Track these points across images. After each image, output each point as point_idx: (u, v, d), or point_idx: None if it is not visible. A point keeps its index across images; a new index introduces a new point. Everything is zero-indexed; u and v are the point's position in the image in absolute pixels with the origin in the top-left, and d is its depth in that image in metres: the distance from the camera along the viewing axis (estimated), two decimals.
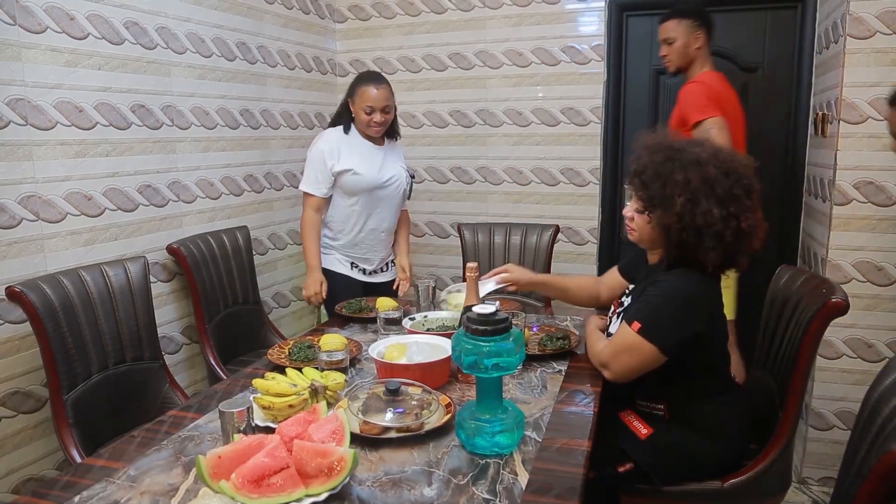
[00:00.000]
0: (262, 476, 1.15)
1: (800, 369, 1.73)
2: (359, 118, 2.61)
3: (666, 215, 1.61)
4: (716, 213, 1.55)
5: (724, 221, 1.56)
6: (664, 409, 1.74)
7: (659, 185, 1.62)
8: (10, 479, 2.09)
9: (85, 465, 1.40)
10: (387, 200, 2.75)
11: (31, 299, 1.88)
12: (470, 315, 1.37)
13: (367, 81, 2.58)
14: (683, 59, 2.72)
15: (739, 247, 1.61)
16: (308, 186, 2.67)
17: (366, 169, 2.64)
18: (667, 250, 1.70)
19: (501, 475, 1.29)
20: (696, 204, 1.56)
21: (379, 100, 2.56)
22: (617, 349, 1.67)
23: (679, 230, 1.59)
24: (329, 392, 1.59)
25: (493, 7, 3.54)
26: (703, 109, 2.53)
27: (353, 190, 2.66)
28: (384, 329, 2.06)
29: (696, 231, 1.57)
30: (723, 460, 1.74)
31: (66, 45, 2.20)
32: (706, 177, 1.58)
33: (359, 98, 2.58)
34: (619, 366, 1.66)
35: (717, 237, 1.56)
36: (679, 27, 2.69)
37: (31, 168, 2.12)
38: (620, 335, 1.67)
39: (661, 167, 1.63)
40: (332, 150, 2.62)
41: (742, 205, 1.58)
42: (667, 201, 1.60)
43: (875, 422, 1.19)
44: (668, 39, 2.72)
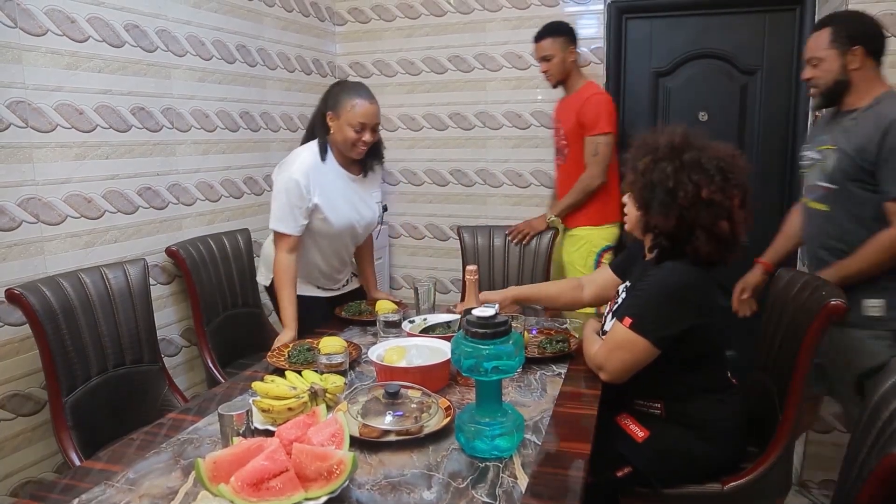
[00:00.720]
0: (261, 479, 1.15)
1: (800, 372, 1.73)
2: (343, 136, 2.21)
3: (633, 174, 1.71)
4: (670, 171, 1.62)
5: (679, 183, 1.60)
6: (661, 407, 1.74)
7: (637, 153, 1.73)
8: (9, 482, 2.09)
9: (84, 468, 1.40)
10: (355, 240, 2.51)
11: (31, 301, 1.88)
12: (469, 318, 1.37)
13: (357, 94, 2.21)
14: (562, 74, 3.00)
15: (698, 217, 1.60)
16: (281, 224, 2.22)
17: (337, 214, 2.30)
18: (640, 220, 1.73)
19: (501, 479, 1.28)
20: (656, 163, 1.65)
21: (373, 116, 2.21)
22: (610, 347, 1.68)
23: (640, 188, 1.68)
24: (328, 395, 1.59)
25: (493, 10, 3.55)
26: (609, 122, 2.90)
27: (319, 232, 2.33)
28: (384, 332, 2.05)
29: (650, 187, 1.65)
30: (720, 462, 1.74)
31: (67, 47, 2.21)
32: (675, 144, 1.66)
33: (347, 113, 2.18)
34: (613, 364, 1.67)
35: (669, 195, 1.61)
36: (555, 45, 2.95)
37: (32, 170, 2.12)
38: (613, 333, 1.69)
39: (646, 139, 1.74)
40: (309, 180, 2.22)
41: (708, 177, 1.60)
42: (635, 163, 1.71)
43: (875, 424, 1.19)
44: (546, 57, 2.97)
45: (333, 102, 2.23)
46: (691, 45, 3.34)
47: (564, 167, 3.11)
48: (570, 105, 2.99)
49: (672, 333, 1.62)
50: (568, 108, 3.01)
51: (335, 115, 2.22)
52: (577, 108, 2.93)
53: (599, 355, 1.71)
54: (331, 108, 2.23)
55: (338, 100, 2.22)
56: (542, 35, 2.97)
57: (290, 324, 2.20)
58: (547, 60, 2.97)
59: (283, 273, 2.23)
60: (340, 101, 2.21)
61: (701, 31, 3.31)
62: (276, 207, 2.22)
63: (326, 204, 2.26)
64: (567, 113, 3.01)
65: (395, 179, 3.92)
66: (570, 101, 3.01)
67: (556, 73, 2.99)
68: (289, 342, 2.08)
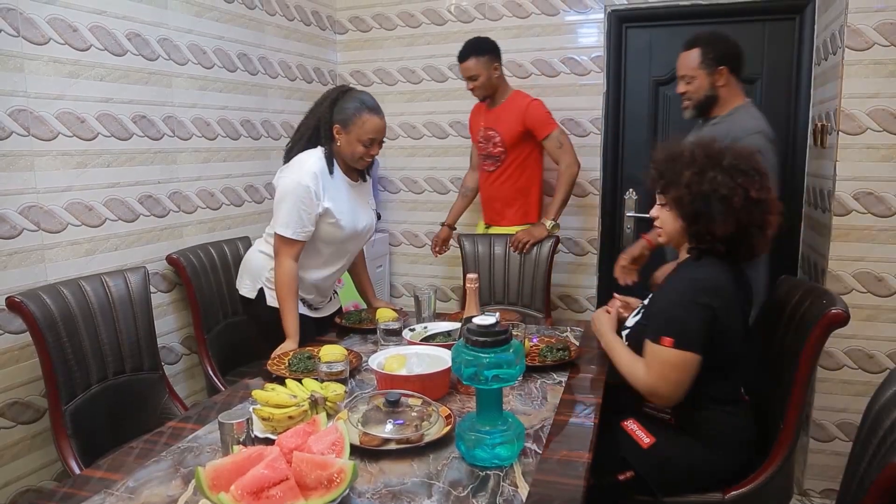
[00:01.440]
0: (261, 488, 1.15)
1: (800, 380, 1.73)
2: (352, 150, 2.19)
3: (677, 190, 1.70)
4: (721, 180, 1.64)
5: (731, 189, 1.63)
6: (671, 414, 1.73)
7: (669, 167, 1.73)
8: (8, 491, 2.08)
9: (83, 476, 1.39)
10: (356, 247, 2.46)
11: (31, 309, 1.87)
12: (470, 326, 1.37)
13: (367, 108, 2.17)
14: (489, 90, 3.08)
15: (752, 217, 1.65)
16: (289, 229, 2.14)
17: (347, 218, 2.26)
18: (687, 232, 1.73)
19: (502, 487, 1.28)
20: (702, 174, 1.66)
21: (382, 131, 2.22)
22: (661, 371, 1.64)
23: (690, 201, 1.67)
24: (329, 403, 1.58)
25: (493, 19, 3.56)
26: (550, 122, 3.04)
27: (326, 239, 2.27)
28: (384, 340, 2.05)
29: (703, 197, 1.65)
30: (724, 472, 1.73)
31: (69, 56, 2.21)
32: (711, 153, 1.69)
33: (357, 129, 2.15)
34: (670, 388, 1.64)
35: (724, 202, 1.63)
36: (479, 64, 3.00)
37: (33, 178, 2.12)
38: (657, 356, 1.65)
39: (670, 152, 1.75)
40: (319, 185, 2.16)
41: (750, 178, 1.66)
42: (676, 177, 1.70)
43: (877, 433, 1.19)
44: (473, 77, 3.02)
45: (342, 116, 2.17)
46: None
47: (499, 173, 3.17)
48: (507, 114, 3.08)
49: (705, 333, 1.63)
50: (504, 117, 3.09)
51: (344, 129, 2.18)
52: (520, 117, 3.04)
53: (650, 380, 1.67)
54: (339, 122, 2.18)
55: (347, 114, 2.17)
56: (466, 55, 3.01)
57: (293, 335, 2.15)
58: (473, 80, 3.03)
59: (290, 281, 2.16)
60: (350, 115, 2.16)
61: None
62: (284, 212, 2.14)
63: (336, 208, 2.21)
64: (504, 122, 3.08)
65: (395, 187, 3.92)
66: (504, 110, 3.10)
67: (484, 90, 3.07)
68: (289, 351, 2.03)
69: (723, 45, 2.34)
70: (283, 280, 2.17)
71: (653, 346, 1.66)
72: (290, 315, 2.16)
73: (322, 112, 2.22)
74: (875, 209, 2.58)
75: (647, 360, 1.69)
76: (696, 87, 2.34)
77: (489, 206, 3.29)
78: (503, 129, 3.09)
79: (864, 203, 2.58)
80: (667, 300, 1.71)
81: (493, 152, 3.15)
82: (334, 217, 2.21)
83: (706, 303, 1.62)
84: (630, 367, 1.74)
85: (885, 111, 2.53)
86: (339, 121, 2.18)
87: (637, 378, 1.71)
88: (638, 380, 1.71)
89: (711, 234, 1.66)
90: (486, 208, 3.32)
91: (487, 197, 3.28)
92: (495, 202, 3.24)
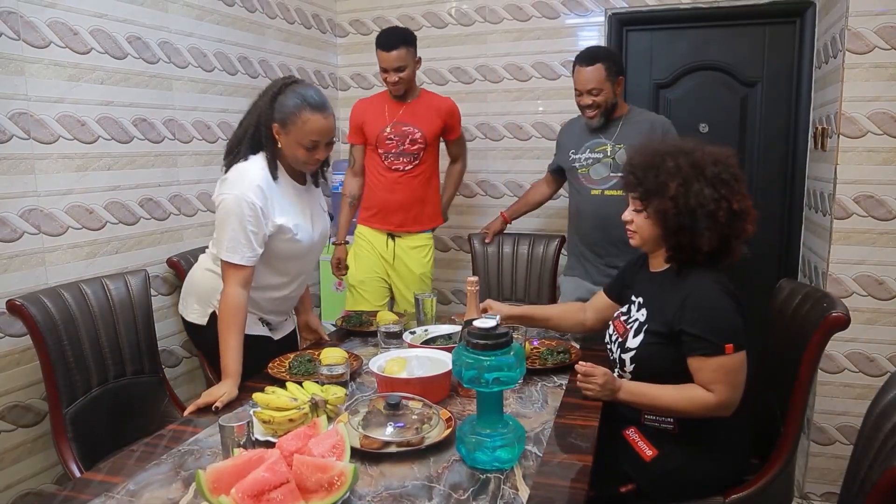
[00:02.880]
0: (262, 491, 1.15)
1: (801, 384, 1.73)
2: (292, 153, 1.93)
3: (662, 202, 1.67)
4: (707, 194, 1.63)
5: (717, 202, 1.62)
6: (674, 423, 1.71)
7: (652, 175, 1.69)
8: (9, 494, 2.08)
9: (84, 479, 1.39)
10: (317, 257, 2.26)
11: (32, 312, 1.88)
12: (471, 329, 1.37)
13: (308, 105, 1.88)
14: (409, 83, 2.92)
15: (733, 229, 1.66)
16: (235, 254, 1.86)
17: (303, 231, 2.03)
18: (666, 240, 1.71)
19: (502, 490, 1.28)
20: (688, 186, 1.64)
21: (327, 132, 1.93)
22: (732, 381, 1.60)
23: (675, 214, 1.65)
24: (329, 406, 1.58)
25: (494, 22, 3.57)
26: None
27: (285, 256, 2.03)
28: (384, 343, 2.05)
29: (690, 212, 1.63)
30: (726, 477, 1.73)
31: (69, 59, 2.22)
32: (695, 162, 1.67)
33: (298, 129, 1.88)
34: (738, 393, 1.62)
35: (710, 217, 1.62)
36: (408, 56, 2.85)
37: (34, 181, 2.12)
38: (723, 368, 1.58)
39: (652, 159, 1.72)
40: (266, 200, 1.90)
41: (732, 188, 1.65)
42: (661, 188, 1.67)
43: (878, 437, 1.19)
44: (401, 67, 2.84)
45: (281, 115, 1.90)
46: (692, 57, 3.36)
47: (417, 171, 2.95)
48: (426, 110, 2.94)
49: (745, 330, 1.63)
50: (423, 113, 2.93)
51: (283, 129, 1.91)
52: (442, 114, 2.95)
53: (723, 398, 1.59)
54: (278, 121, 1.91)
55: (286, 112, 1.89)
56: (396, 44, 2.79)
57: (234, 373, 1.82)
58: (399, 71, 2.82)
59: (236, 311, 1.85)
60: (289, 113, 1.89)
61: (701, 44, 3.33)
62: (229, 235, 1.86)
63: (290, 222, 1.97)
64: (424, 117, 2.92)
65: None
66: (421, 106, 2.94)
67: (406, 83, 2.88)
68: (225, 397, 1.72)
69: (618, 58, 2.72)
70: (228, 310, 1.85)
71: (714, 360, 1.58)
72: (232, 352, 1.83)
73: (262, 108, 1.95)
74: (875, 212, 2.58)
75: (709, 377, 1.60)
76: (604, 98, 2.62)
77: (403, 209, 2.97)
78: (424, 125, 2.91)
79: (865, 206, 2.58)
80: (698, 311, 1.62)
81: (411, 149, 2.92)
82: (290, 232, 1.98)
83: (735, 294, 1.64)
84: (689, 400, 1.62)
85: (886, 114, 2.53)
86: (279, 119, 1.90)
87: (704, 404, 1.60)
88: (706, 405, 1.60)
89: (694, 247, 1.65)
90: (396, 213, 2.97)
91: (403, 200, 2.96)
92: (414, 204, 2.98)
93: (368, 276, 3.02)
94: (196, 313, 2.13)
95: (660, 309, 1.72)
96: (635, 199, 1.75)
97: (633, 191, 1.75)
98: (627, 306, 1.88)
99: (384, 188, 2.96)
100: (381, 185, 2.96)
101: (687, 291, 1.66)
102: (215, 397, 1.71)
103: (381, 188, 2.97)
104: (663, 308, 1.71)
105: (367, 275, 3.02)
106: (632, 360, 1.73)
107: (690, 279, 1.69)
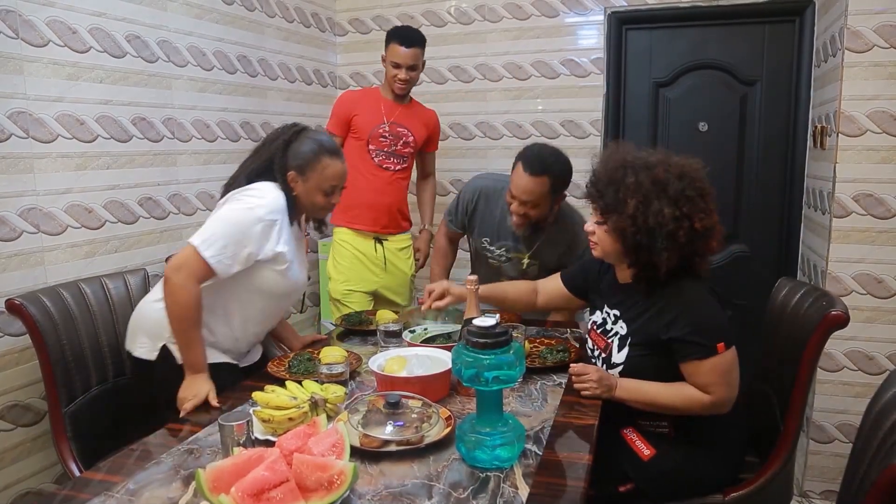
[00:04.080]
0: (261, 490, 1.15)
1: (800, 382, 1.73)
2: (311, 200, 1.93)
3: (620, 219, 1.64)
4: (667, 213, 1.59)
5: (677, 221, 1.59)
6: (668, 425, 1.72)
7: (612, 190, 1.66)
8: (8, 493, 2.08)
9: (83, 478, 1.39)
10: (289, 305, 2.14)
11: (31, 312, 1.88)
12: (470, 328, 1.37)
13: (330, 153, 1.91)
14: (413, 85, 2.90)
15: (695, 248, 1.63)
16: (210, 249, 1.75)
17: (295, 270, 1.96)
18: (626, 256, 1.70)
19: (502, 489, 1.28)
20: (647, 205, 1.60)
21: (344, 176, 1.97)
22: (726, 379, 1.60)
23: (633, 233, 1.62)
24: (329, 405, 1.58)
25: (493, 20, 3.56)
26: None
27: (266, 289, 1.93)
28: (384, 342, 2.05)
29: (649, 232, 1.60)
30: (724, 475, 1.73)
31: (68, 58, 2.22)
32: (656, 178, 1.62)
33: (318, 174, 1.89)
34: (733, 391, 1.63)
35: (670, 238, 1.59)
36: (420, 56, 2.83)
37: (32, 180, 2.12)
38: (717, 368, 1.59)
39: (613, 174, 1.68)
40: (280, 224, 1.86)
41: (696, 206, 1.61)
42: (620, 206, 1.64)
43: (877, 435, 1.19)
44: (414, 66, 2.83)
45: (299, 161, 1.89)
46: (691, 56, 3.35)
47: (404, 174, 2.96)
48: (418, 117, 2.94)
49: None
50: (415, 119, 2.92)
51: (301, 176, 1.89)
52: (429, 123, 2.97)
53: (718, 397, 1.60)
54: (295, 168, 1.89)
55: (305, 159, 1.89)
56: (415, 42, 2.78)
57: (204, 367, 1.79)
58: (412, 70, 2.81)
59: (196, 306, 1.76)
60: (308, 160, 1.89)
61: (701, 42, 3.33)
62: (220, 232, 1.77)
63: (289, 255, 1.90)
64: (416, 123, 2.92)
65: None
66: (415, 112, 2.96)
67: (412, 84, 2.89)
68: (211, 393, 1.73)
69: (568, 174, 2.36)
70: (187, 305, 1.74)
71: (707, 362, 1.59)
72: (197, 347, 1.78)
73: (274, 152, 1.93)
74: (875, 211, 2.58)
75: (704, 379, 1.60)
76: (538, 213, 2.35)
77: (390, 211, 2.93)
78: (416, 130, 2.91)
79: (864, 205, 2.59)
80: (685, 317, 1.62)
81: (402, 151, 2.90)
82: (284, 264, 1.89)
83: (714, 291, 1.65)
84: (688, 399, 1.63)
85: (885, 113, 2.53)
86: (296, 167, 1.89)
87: (701, 402, 1.62)
88: (703, 403, 1.61)
89: (653, 265, 1.63)
90: (384, 213, 2.91)
91: (392, 201, 2.92)
92: (400, 206, 2.97)
93: (356, 287, 2.88)
94: (145, 348, 1.93)
95: (640, 321, 1.71)
96: (596, 211, 1.73)
97: (595, 203, 1.73)
98: (602, 318, 1.86)
99: (374, 188, 2.87)
100: (371, 184, 2.86)
101: (667, 300, 1.66)
102: (201, 398, 1.71)
103: (370, 188, 2.86)
104: (644, 319, 1.70)
105: (355, 286, 2.88)
106: (621, 375, 1.72)
107: (668, 287, 1.67)
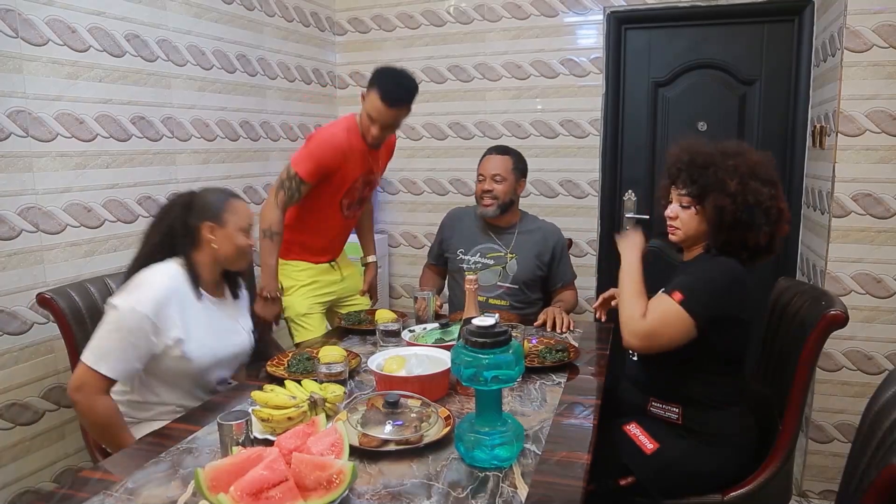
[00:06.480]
0: (260, 489, 1.15)
1: (799, 382, 1.73)
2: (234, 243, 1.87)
3: (720, 197, 1.71)
4: (765, 192, 1.69)
5: (773, 200, 1.70)
6: (679, 412, 1.73)
7: (711, 172, 1.73)
8: (7, 492, 2.08)
9: (82, 477, 1.39)
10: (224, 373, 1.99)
11: (60, 305, 1.95)
12: (469, 328, 1.37)
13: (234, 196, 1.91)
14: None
15: (778, 228, 1.73)
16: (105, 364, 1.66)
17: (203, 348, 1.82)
18: (716, 237, 1.75)
19: (501, 488, 1.28)
20: (745, 184, 1.69)
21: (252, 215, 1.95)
22: (662, 319, 1.67)
23: (733, 210, 1.69)
24: (328, 404, 1.58)
25: (492, 20, 3.56)
26: None
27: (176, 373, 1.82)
28: (383, 341, 2.06)
29: (749, 209, 1.69)
30: (726, 474, 1.73)
31: (68, 57, 2.21)
32: (750, 163, 1.72)
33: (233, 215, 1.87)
34: (658, 341, 1.67)
35: (766, 214, 1.69)
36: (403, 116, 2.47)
37: (32, 179, 2.12)
38: (662, 304, 1.68)
39: (709, 158, 1.76)
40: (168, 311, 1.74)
41: (778, 188, 1.73)
42: (720, 185, 1.71)
43: (875, 434, 1.19)
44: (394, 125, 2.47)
45: (212, 212, 1.85)
46: (690, 56, 3.35)
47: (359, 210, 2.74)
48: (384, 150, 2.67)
49: (714, 317, 1.65)
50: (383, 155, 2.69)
51: (218, 223, 1.84)
52: (390, 150, 2.74)
53: (646, 326, 1.68)
54: (209, 219, 1.84)
55: (217, 208, 1.85)
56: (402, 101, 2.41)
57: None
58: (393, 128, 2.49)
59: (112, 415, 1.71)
60: (220, 207, 1.86)
61: (700, 42, 3.33)
62: (109, 345, 1.68)
63: (189, 335, 1.78)
64: (383, 160, 2.71)
65: (394, 189, 3.92)
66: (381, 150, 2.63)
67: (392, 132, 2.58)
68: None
69: (525, 163, 2.66)
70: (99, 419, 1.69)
71: (662, 296, 1.70)
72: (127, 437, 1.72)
73: (173, 219, 1.86)
74: (874, 210, 2.58)
75: (651, 304, 1.72)
76: (504, 189, 2.54)
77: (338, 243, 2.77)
78: (382, 165, 2.72)
79: (863, 204, 2.59)
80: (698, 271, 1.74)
81: (368, 193, 2.71)
82: (181, 350, 1.77)
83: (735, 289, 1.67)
84: (632, 300, 1.75)
85: (884, 113, 2.53)
86: (210, 216, 1.84)
87: (632, 314, 1.72)
88: (633, 317, 1.71)
89: (745, 242, 1.71)
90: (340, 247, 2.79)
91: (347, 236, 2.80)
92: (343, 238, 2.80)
93: (311, 309, 2.64)
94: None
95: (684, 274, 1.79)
96: (684, 195, 1.78)
97: (686, 187, 1.78)
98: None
99: (336, 233, 2.69)
100: (334, 230, 2.66)
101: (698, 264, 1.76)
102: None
103: (333, 232, 2.67)
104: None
105: (310, 308, 2.63)
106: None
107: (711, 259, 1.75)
